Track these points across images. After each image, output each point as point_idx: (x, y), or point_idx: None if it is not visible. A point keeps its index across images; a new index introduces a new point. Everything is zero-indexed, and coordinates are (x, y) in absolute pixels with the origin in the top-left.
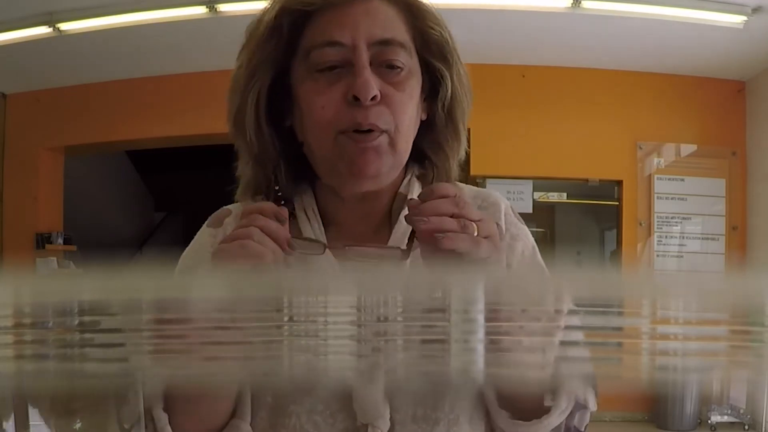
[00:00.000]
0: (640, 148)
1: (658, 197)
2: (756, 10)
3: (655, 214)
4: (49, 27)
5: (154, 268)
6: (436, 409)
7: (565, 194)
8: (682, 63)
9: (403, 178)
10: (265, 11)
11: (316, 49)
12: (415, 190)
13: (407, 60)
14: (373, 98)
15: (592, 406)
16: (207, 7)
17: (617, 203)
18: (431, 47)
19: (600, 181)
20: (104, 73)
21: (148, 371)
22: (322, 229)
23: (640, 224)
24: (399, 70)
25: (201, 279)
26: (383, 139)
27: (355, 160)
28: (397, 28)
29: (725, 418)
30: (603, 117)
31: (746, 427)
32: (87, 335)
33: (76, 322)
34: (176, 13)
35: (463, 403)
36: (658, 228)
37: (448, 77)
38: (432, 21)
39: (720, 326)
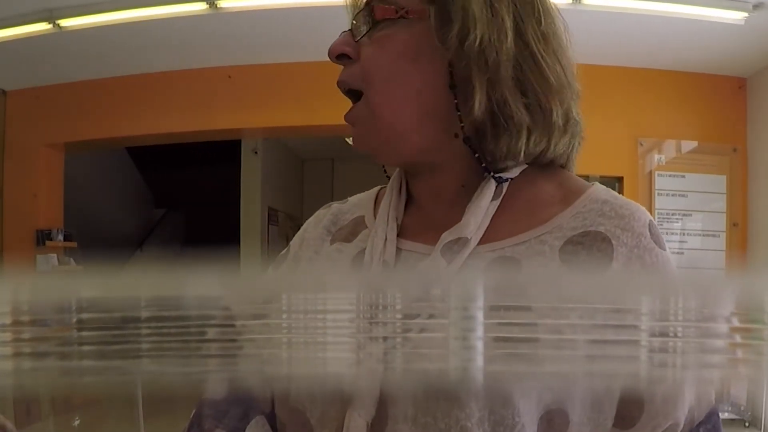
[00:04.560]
0: (641, 144)
1: (658, 194)
2: (757, 6)
3: (656, 211)
4: (50, 24)
5: (154, 265)
6: (427, 413)
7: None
8: (682, 59)
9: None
10: None
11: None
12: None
13: (392, 14)
14: (342, 57)
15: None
16: (207, 3)
17: None
18: None
19: (601, 177)
20: (104, 69)
21: (147, 371)
22: (401, 207)
23: None
24: (377, 25)
25: (198, 277)
26: (361, 105)
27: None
28: None
29: (726, 415)
30: (604, 113)
31: (746, 423)
32: (86, 333)
33: (75, 319)
34: (176, 9)
35: (457, 415)
36: (658, 224)
37: (446, 10)
38: None
39: (720, 323)
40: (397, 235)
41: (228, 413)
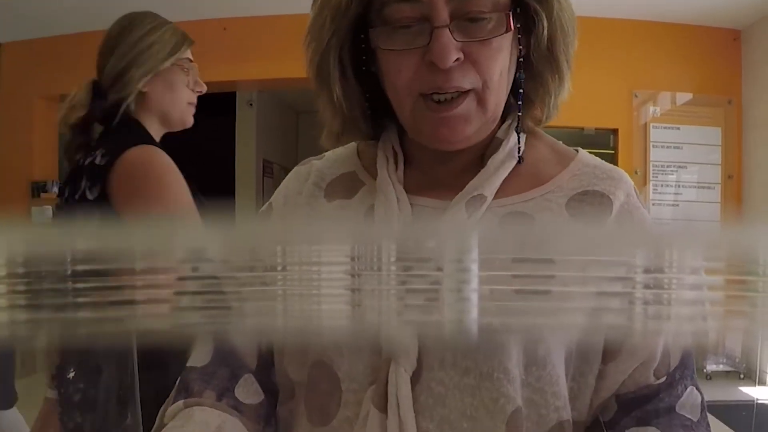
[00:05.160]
0: (636, 96)
1: (653, 146)
2: None
3: (651, 163)
4: None
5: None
6: (466, 357)
7: (560, 142)
8: (677, 11)
9: (503, 121)
10: None
11: (390, 4)
12: (514, 136)
13: (494, 5)
14: (456, 60)
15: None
16: None
17: (613, 152)
18: None
19: (596, 129)
20: (100, 21)
21: (140, 322)
22: (401, 167)
23: (636, 173)
24: (484, 21)
25: (192, 229)
26: (470, 103)
27: (438, 130)
28: None
29: (720, 367)
30: (598, 65)
31: (741, 375)
32: (80, 285)
33: (70, 271)
34: None
35: (500, 358)
36: (653, 177)
37: (544, 15)
38: None
39: (716, 276)
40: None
41: (215, 374)
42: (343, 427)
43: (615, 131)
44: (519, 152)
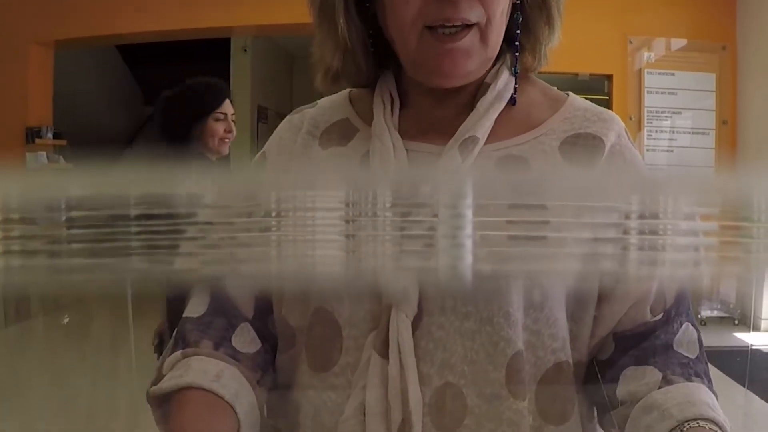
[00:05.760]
0: (631, 42)
1: (648, 92)
2: None
3: (645, 109)
4: None
5: (143, 162)
6: (467, 302)
7: (555, 88)
8: None
9: (493, 65)
10: None
11: None
12: (502, 79)
13: None
14: None
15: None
16: None
17: (607, 98)
18: None
19: (590, 75)
20: None
21: (136, 269)
22: (396, 113)
23: (630, 119)
24: None
25: (188, 175)
26: (473, 37)
27: (441, 62)
28: None
29: (715, 313)
30: (593, 11)
31: (736, 321)
32: (76, 231)
33: (65, 217)
34: None
35: (500, 302)
36: (648, 122)
37: None
38: None
39: (710, 222)
40: None
41: (212, 324)
42: (345, 372)
43: (609, 77)
44: (514, 92)
